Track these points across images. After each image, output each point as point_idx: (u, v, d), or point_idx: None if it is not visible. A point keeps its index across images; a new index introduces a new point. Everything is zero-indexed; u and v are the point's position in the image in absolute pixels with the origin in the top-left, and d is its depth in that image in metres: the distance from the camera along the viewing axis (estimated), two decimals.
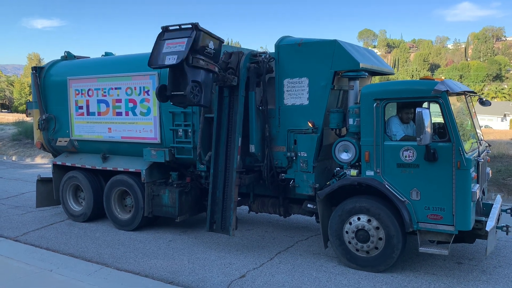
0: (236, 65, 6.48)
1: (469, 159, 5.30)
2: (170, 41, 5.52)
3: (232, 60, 6.52)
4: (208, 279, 5.82)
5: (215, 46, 5.69)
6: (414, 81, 6.14)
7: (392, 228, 5.66)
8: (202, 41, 5.47)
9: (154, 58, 5.60)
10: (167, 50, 5.48)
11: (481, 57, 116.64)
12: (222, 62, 6.46)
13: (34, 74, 8.92)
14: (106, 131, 8.12)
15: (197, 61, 5.39)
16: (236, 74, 6.48)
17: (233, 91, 6.68)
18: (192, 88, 5.41)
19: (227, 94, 6.72)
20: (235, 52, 6.60)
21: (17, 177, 14.40)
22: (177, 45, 5.43)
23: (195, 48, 5.38)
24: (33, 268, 6.13)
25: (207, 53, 5.55)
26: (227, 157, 6.63)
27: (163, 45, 5.56)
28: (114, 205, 8.19)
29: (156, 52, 5.61)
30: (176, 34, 5.57)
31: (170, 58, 5.41)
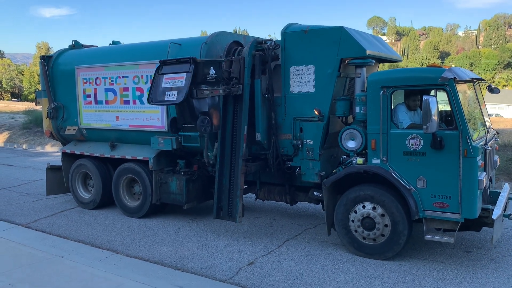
0: (238, 73, 6.44)
1: (476, 147, 5.28)
2: (168, 76, 5.47)
3: (234, 68, 6.47)
4: (217, 265, 5.90)
5: (216, 70, 5.66)
6: (421, 69, 6.10)
7: (398, 215, 5.67)
8: (201, 72, 5.45)
9: (154, 93, 5.57)
10: (166, 86, 5.45)
11: (493, 44, 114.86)
12: (224, 71, 6.43)
13: (42, 63, 8.99)
14: (114, 120, 8.18)
15: (201, 92, 5.39)
16: (241, 82, 6.46)
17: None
18: (201, 121, 5.44)
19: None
20: (235, 59, 6.49)
21: (28, 165, 14.60)
22: (176, 80, 5.39)
23: (197, 81, 5.37)
24: (45, 254, 6.25)
25: (209, 80, 5.53)
26: (233, 145, 6.66)
27: (161, 80, 5.51)
28: (122, 192, 8.29)
29: (155, 87, 5.57)
30: (175, 68, 5.50)
31: (170, 94, 5.38)
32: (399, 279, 5.37)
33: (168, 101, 5.41)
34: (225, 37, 7.25)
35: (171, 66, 5.52)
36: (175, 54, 7.29)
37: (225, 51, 6.78)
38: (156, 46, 7.86)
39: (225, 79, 6.45)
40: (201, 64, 5.38)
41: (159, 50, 7.57)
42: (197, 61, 5.33)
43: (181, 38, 7.63)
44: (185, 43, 7.41)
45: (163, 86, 5.47)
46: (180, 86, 5.33)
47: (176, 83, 5.36)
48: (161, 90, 5.48)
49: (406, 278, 5.39)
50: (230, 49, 6.83)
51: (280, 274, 5.60)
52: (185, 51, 7.23)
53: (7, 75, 76.83)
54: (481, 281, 5.29)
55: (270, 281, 5.40)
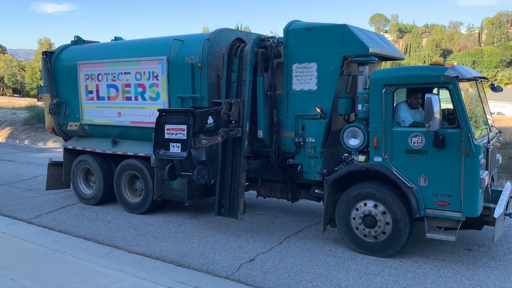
0: (237, 116, 6.44)
1: (478, 146, 5.27)
2: (169, 126, 5.62)
3: (233, 111, 6.44)
4: (218, 262, 5.92)
5: (214, 118, 5.72)
6: (423, 67, 6.09)
7: (399, 212, 5.68)
8: (199, 123, 5.54)
9: (158, 144, 5.71)
10: (169, 136, 5.62)
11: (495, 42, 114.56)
12: (224, 114, 6.42)
13: (44, 59, 8.99)
14: (116, 116, 8.19)
15: (199, 142, 5.48)
16: (240, 125, 6.48)
17: (240, 76, 6.68)
18: (199, 171, 5.54)
19: (235, 79, 6.73)
20: (235, 102, 6.48)
21: (29, 160, 14.62)
22: (178, 132, 5.54)
23: (195, 131, 5.47)
24: (47, 249, 6.26)
25: (207, 129, 5.59)
26: (235, 142, 6.67)
27: (163, 130, 5.65)
28: (124, 188, 8.30)
29: (159, 137, 5.70)
30: (174, 119, 5.62)
31: (174, 146, 5.57)
32: (399, 277, 5.38)
33: (174, 154, 5.59)
34: (227, 34, 7.25)
35: (171, 116, 5.66)
36: (178, 50, 7.31)
37: (227, 48, 6.78)
38: (158, 43, 7.85)
39: (224, 122, 6.44)
40: (199, 116, 5.50)
41: (161, 46, 7.57)
42: (195, 113, 5.46)
43: (183, 35, 7.63)
44: (187, 39, 7.41)
45: (166, 137, 5.63)
46: (182, 138, 5.50)
47: (178, 135, 5.54)
48: (165, 140, 5.65)
49: (406, 276, 5.40)
50: (232, 46, 6.83)
51: (281, 271, 5.61)
52: (187, 48, 7.25)
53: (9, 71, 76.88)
54: (481, 279, 5.30)
55: (271, 278, 5.42)
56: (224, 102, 6.54)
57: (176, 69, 7.30)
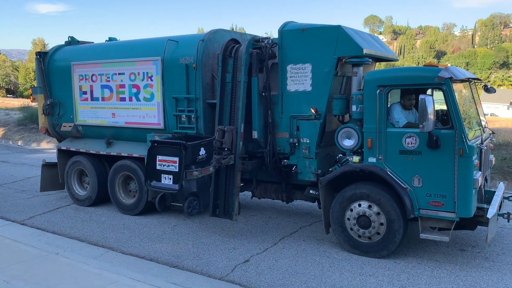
0: (230, 144, 6.43)
1: (471, 146, 5.30)
2: (161, 157, 5.56)
3: (226, 139, 6.45)
4: (213, 263, 5.90)
5: (206, 149, 5.71)
6: (417, 68, 6.13)
7: (393, 213, 5.70)
8: (191, 155, 5.49)
9: (150, 175, 5.65)
10: (161, 168, 5.55)
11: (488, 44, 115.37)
12: (217, 141, 6.44)
13: (38, 59, 8.94)
14: (110, 117, 8.16)
15: (190, 174, 5.45)
16: (232, 152, 6.46)
17: (235, 77, 6.68)
18: (189, 203, 5.52)
19: (230, 80, 6.72)
20: (228, 129, 6.49)
21: (23, 161, 14.53)
22: (170, 164, 5.48)
23: (187, 163, 5.43)
24: (40, 251, 6.23)
25: (199, 160, 5.57)
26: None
27: (155, 160, 5.60)
28: (118, 189, 8.27)
29: (150, 168, 5.65)
30: (166, 150, 5.57)
31: (166, 177, 5.51)
32: (394, 277, 5.40)
33: (166, 187, 5.54)
34: (222, 35, 7.24)
35: (163, 147, 5.62)
36: (172, 51, 7.29)
37: (222, 48, 6.78)
38: (152, 43, 7.84)
39: (216, 149, 6.44)
40: (190, 148, 5.47)
41: (155, 47, 7.55)
42: (187, 146, 5.42)
43: (178, 35, 7.62)
44: (182, 40, 7.40)
45: (157, 168, 5.58)
46: (174, 170, 5.45)
47: (170, 166, 5.49)
48: (157, 172, 5.59)
49: (400, 276, 5.42)
50: (227, 46, 6.82)
51: (275, 272, 5.61)
52: (182, 49, 7.24)
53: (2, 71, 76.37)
54: (475, 279, 5.32)
55: (266, 279, 5.41)
56: (217, 129, 6.56)
57: (171, 69, 7.29)
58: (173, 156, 5.44)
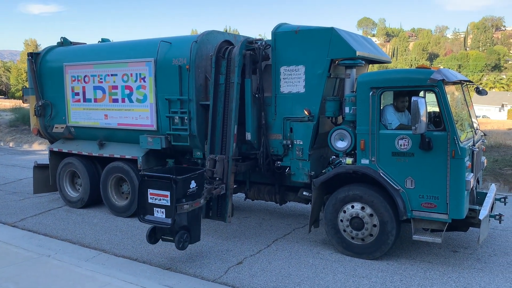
0: (221, 174, 6.41)
1: (463, 148, 5.33)
2: (153, 191, 5.54)
3: (217, 169, 6.42)
4: (206, 265, 5.88)
5: (197, 182, 5.70)
6: (410, 70, 6.16)
7: (386, 215, 5.71)
8: (182, 189, 5.49)
9: (142, 208, 5.62)
10: (153, 201, 5.53)
11: (480, 47, 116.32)
12: (208, 171, 6.42)
13: (30, 60, 8.88)
14: (102, 118, 8.11)
15: (181, 208, 5.45)
16: (224, 182, 6.43)
17: (228, 78, 6.68)
18: (180, 236, 5.49)
19: (223, 81, 6.71)
20: (219, 159, 6.45)
21: (14, 163, 14.41)
22: (162, 198, 5.47)
23: (178, 197, 5.42)
24: (32, 253, 6.18)
25: (190, 193, 5.58)
26: (222, 144, 6.65)
27: (147, 194, 5.58)
28: (111, 191, 8.22)
29: (142, 201, 5.62)
30: (157, 184, 5.54)
31: (158, 211, 5.49)
32: (386, 279, 5.41)
33: (159, 221, 5.52)
34: (215, 36, 7.23)
35: (154, 181, 5.58)
36: (165, 52, 7.27)
37: (215, 50, 6.77)
38: (145, 44, 7.81)
39: (207, 179, 6.40)
40: (181, 182, 5.45)
41: (148, 48, 7.53)
42: (177, 180, 5.40)
43: (171, 37, 7.59)
44: (175, 41, 7.38)
45: (149, 201, 5.56)
46: (166, 204, 5.44)
47: (162, 200, 5.48)
48: (149, 205, 5.57)
49: (393, 278, 5.43)
50: (220, 48, 6.82)
51: (269, 274, 5.60)
52: (175, 50, 7.22)
53: None
54: (467, 280, 5.35)
55: (259, 281, 5.40)
56: (208, 159, 6.55)
57: (164, 71, 7.26)
58: (164, 190, 5.45)
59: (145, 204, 5.60)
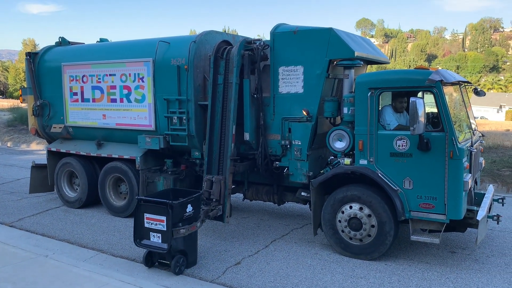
0: (218, 195, 6.42)
1: (461, 149, 5.34)
2: (149, 215, 5.54)
3: (214, 190, 6.43)
4: (204, 265, 5.87)
5: (193, 206, 5.70)
6: (408, 71, 6.16)
7: (384, 215, 5.71)
8: (178, 213, 5.48)
9: (138, 232, 5.63)
10: (149, 226, 5.54)
11: (479, 48, 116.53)
12: (205, 192, 6.46)
13: (28, 60, 8.86)
14: (100, 118, 8.10)
15: (177, 232, 5.46)
16: (221, 203, 6.43)
17: (227, 78, 6.67)
18: (176, 261, 5.49)
19: (221, 82, 6.71)
20: (216, 180, 6.45)
21: (12, 163, 14.37)
22: (158, 223, 5.48)
23: (174, 222, 5.43)
24: (29, 253, 6.16)
25: (186, 217, 5.59)
26: (221, 144, 6.65)
27: (143, 218, 5.58)
28: (108, 191, 8.20)
29: (139, 226, 5.62)
30: (153, 209, 5.53)
31: (155, 235, 5.51)
32: (385, 279, 5.41)
33: (156, 245, 5.53)
34: (214, 36, 7.23)
35: (151, 205, 5.58)
36: (164, 52, 7.27)
37: (214, 50, 6.76)
38: (144, 44, 7.80)
39: (204, 199, 6.43)
40: (177, 207, 5.45)
41: (147, 48, 7.52)
42: (173, 205, 5.40)
43: (169, 37, 7.58)
44: (173, 41, 7.37)
45: (146, 226, 5.57)
46: (162, 229, 5.46)
47: (158, 225, 5.49)
48: (145, 229, 5.58)
49: (391, 279, 5.43)
50: (219, 48, 6.81)
51: (267, 274, 5.59)
52: (173, 50, 7.21)
53: None
54: (465, 281, 5.35)
55: (257, 281, 5.40)
56: (205, 180, 6.55)
57: (162, 71, 7.26)
58: (160, 215, 5.46)
59: (141, 228, 5.62)
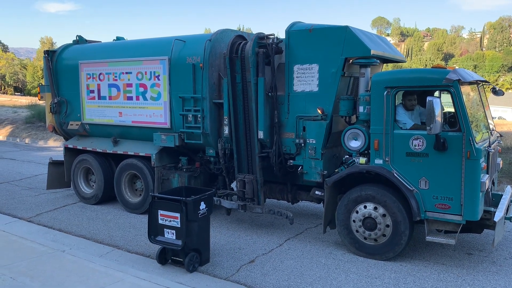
0: (252, 194, 6.81)
1: (479, 149, 5.26)
2: (163, 212, 5.59)
3: (248, 190, 6.79)
4: (218, 263, 5.90)
5: (206, 203, 5.72)
6: (425, 70, 6.09)
7: (399, 215, 5.66)
8: (192, 211, 5.50)
9: (152, 229, 5.68)
10: (163, 222, 5.58)
11: (497, 47, 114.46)
12: (239, 191, 6.88)
13: (46, 58, 9.00)
14: (117, 115, 8.19)
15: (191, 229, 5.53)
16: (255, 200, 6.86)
17: (244, 77, 6.69)
18: (190, 259, 5.52)
19: (239, 80, 6.73)
20: (248, 180, 6.77)
21: (30, 159, 14.62)
22: (172, 219, 5.51)
23: (188, 219, 5.47)
24: (46, 248, 6.25)
25: (201, 216, 5.62)
26: (247, 143, 6.84)
27: (157, 215, 5.63)
28: (124, 188, 8.29)
29: (153, 222, 5.67)
30: (167, 205, 5.58)
31: (169, 232, 5.56)
32: (400, 280, 5.37)
33: (170, 242, 5.58)
34: (229, 34, 7.24)
35: (164, 202, 5.64)
36: (179, 50, 7.31)
37: (228, 46, 6.76)
38: (160, 43, 7.86)
39: (240, 198, 6.93)
40: (191, 204, 5.48)
41: (163, 46, 7.57)
42: (187, 202, 5.44)
43: (185, 35, 7.63)
44: (189, 40, 7.41)
45: (160, 222, 5.63)
46: (176, 226, 5.49)
47: (172, 222, 5.53)
48: (160, 226, 5.64)
49: (407, 279, 5.39)
50: (233, 44, 6.78)
51: (281, 273, 5.60)
52: (189, 48, 7.25)
53: (11, 69, 76.91)
54: (482, 283, 5.28)
55: (271, 280, 5.40)
56: (238, 180, 6.89)
57: (178, 69, 7.30)
58: (174, 212, 5.50)
59: (155, 225, 5.67)
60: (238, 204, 7.00)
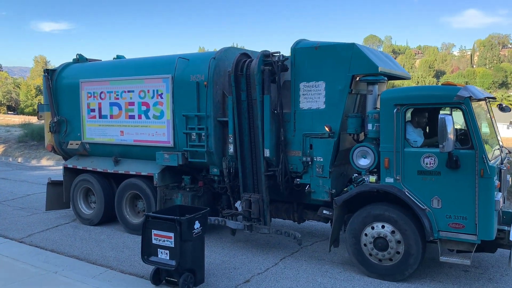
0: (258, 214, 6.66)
1: (492, 167, 5.18)
2: (157, 232, 5.50)
3: (253, 209, 6.65)
4: (213, 283, 5.76)
5: (201, 222, 5.64)
6: (436, 87, 6.04)
7: (411, 235, 5.52)
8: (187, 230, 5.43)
9: (146, 249, 5.58)
10: (157, 242, 5.50)
11: (487, 64, 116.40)
12: (245, 211, 6.74)
13: (46, 77, 8.88)
14: (118, 134, 8.04)
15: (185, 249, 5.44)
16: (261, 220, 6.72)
17: (250, 95, 6.61)
18: (184, 279, 5.43)
19: (245, 98, 6.64)
20: (254, 199, 6.65)
21: (23, 179, 14.37)
22: (166, 239, 5.43)
23: (183, 238, 5.39)
24: (38, 269, 6.09)
25: (196, 235, 5.55)
26: (252, 161, 6.71)
27: (151, 234, 5.54)
28: (125, 208, 8.10)
29: (146, 242, 5.58)
30: (162, 225, 5.49)
31: (162, 252, 5.46)
32: None
33: (164, 262, 5.47)
34: (233, 52, 7.18)
35: (158, 221, 5.54)
36: (183, 69, 7.23)
37: (234, 64, 6.69)
38: (163, 61, 7.78)
39: (245, 218, 6.80)
40: (185, 223, 5.39)
41: (166, 64, 7.50)
42: (181, 221, 5.35)
43: (188, 53, 7.57)
44: (192, 58, 7.35)
45: (153, 242, 5.53)
46: (170, 246, 5.40)
47: (166, 242, 5.43)
48: (153, 246, 5.53)
49: None
50: (238, 61, 6.72)
51: None
52: (193, 66, 7.18)
53: (4, 88, 76.64)
54: None
55: None
56: (243, 199, 6.74)
57: (181, 87, 7.22)
58: (168, 231, 5.38)
59: (149, 245, 5.53)
60: (244, 225, 6.82)
